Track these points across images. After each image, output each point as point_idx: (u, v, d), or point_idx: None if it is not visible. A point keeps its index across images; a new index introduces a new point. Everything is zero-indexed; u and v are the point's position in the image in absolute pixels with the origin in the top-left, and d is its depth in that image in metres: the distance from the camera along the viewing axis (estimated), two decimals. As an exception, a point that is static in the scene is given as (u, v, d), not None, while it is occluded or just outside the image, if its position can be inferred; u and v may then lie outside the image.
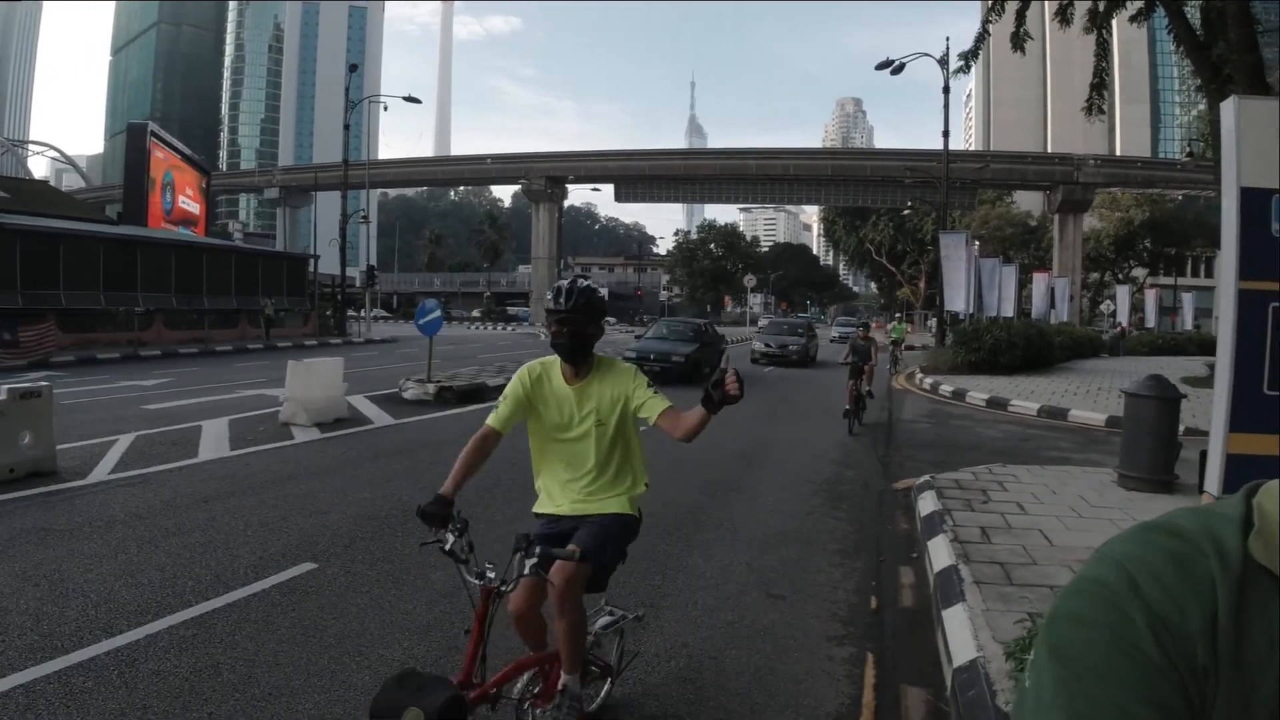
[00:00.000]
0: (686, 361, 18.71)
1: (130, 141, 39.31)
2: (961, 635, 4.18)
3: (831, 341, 41.34)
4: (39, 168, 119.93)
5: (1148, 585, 0.64)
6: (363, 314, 45.09)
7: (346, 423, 11.87)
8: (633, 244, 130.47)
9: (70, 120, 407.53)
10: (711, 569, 5.82)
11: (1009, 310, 28.25)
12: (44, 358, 20.87)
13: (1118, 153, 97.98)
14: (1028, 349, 21.35)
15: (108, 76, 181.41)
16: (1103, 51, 13.12)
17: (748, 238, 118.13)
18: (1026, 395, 16.54)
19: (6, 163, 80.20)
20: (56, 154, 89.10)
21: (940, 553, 5.72)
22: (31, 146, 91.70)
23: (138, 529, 6.34)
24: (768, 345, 26.13)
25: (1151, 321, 47.02)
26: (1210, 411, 4.17)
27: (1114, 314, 50.84)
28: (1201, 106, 27.88)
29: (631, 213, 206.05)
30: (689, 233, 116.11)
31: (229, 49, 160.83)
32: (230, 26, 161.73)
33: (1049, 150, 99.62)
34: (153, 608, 4.72)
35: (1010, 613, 4.40)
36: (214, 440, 10.17)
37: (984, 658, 3.83)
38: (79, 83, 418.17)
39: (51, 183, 66.30)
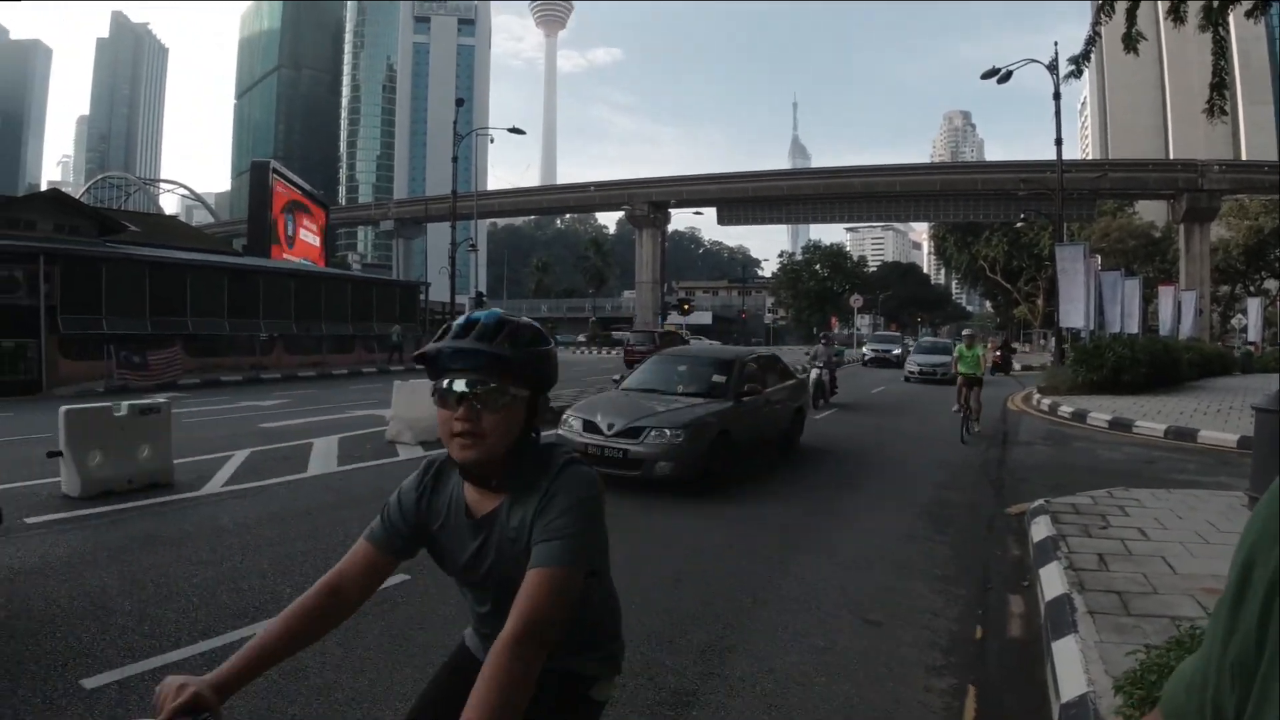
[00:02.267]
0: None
1: (253, 179, 41.79)
2: (1071, 669, 3.87)
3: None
4: (170, 204, 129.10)
5: None
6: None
7: (448, 442, 12.09)
8: (737, 267, 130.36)
9: (200, 160, 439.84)
10: (803, 591, 5.61)
11: (1133, 326, 26.86)
12: (171, 380, 22.20)
13: (1243, 157, 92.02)
14: (1153, 367, 20.13)
15: (233, 118, 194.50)
16: (1220, 50, 12.31)
17: (854, 257, 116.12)
18: (1152, 415, 15.56)
19: (139, 200, 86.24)
20: (186, 192, 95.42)
21: (1053, 580, 5.36)
22: (162, 185, 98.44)
23: (243, 537, 6.59)
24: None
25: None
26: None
27: (1245, 329, 47.52)
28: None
29: (735, 235, 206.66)
30: (794, 254, 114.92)
31: (345, 89, 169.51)
32: (346, 68, 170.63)
33: (1170, 157, 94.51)
34: (250, 611, 4.88)
35: (1125, 645, 4.06)
36: (323, 456, 10.54)
37: (1094, 693, 3.53)
38: (208, 125, 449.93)
39: (182, 218, 70.97)
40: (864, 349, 43.67)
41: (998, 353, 24.61)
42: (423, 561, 5.45)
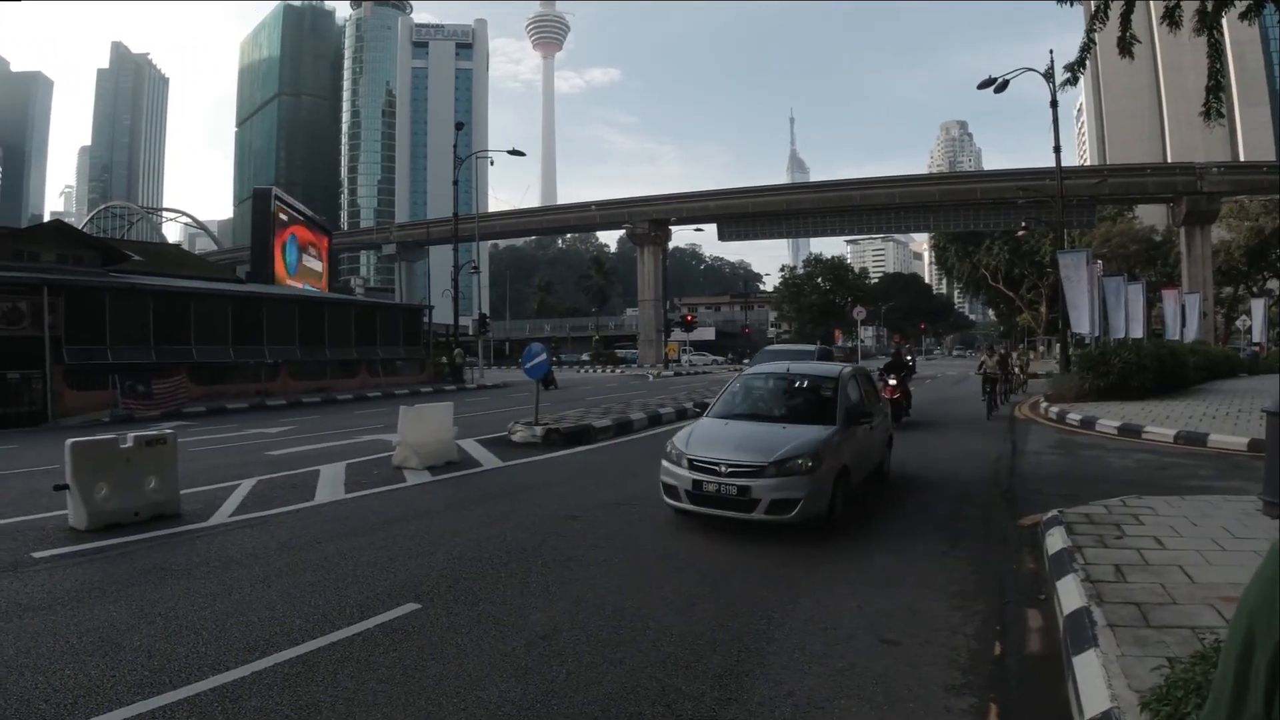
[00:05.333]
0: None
1: (255, 206, 41.94)
2: (1094, 684, 3.81)
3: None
4: (173, 233, 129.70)
5: None
6: (476, 359, 46.79)
7: (456, 465, 12.06)
8: (739, 282, 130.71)
9: (202, 188, 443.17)
10: (819, 611, 5.55)
11: (1138, 331, 26.77)
12: (176, 408, 22.21)
13: (1241, 158, 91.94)
14: (1160, 371, 20.07)
15: (234, 146, 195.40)
16: (1216, 53, 12.31)
17: (856, 270, 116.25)
18: (1161, 420, 15.48)
19: (142, 229, 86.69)
20: (189, 220, 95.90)
21: (1070, 593, 5.30)
22: (165, 213, 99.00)
23: (252, 569, 6.55)
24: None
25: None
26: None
27: (1249, 330, 47.36)
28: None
29: (736, 251, 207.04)
30: (795, 268, 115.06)
31: (345, 115, 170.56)
32: (346, 94, 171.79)
33: (1168, 160, 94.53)
34: (260, 645, 4.83)
35: (1148, 658, 4.00)
36: (330, 484, 10.50)
37: (1118, 709, 3.47)
38: (209, 153, 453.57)
39: (185, 247, 71.31)
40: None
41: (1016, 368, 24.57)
42: (433, 589, 5.43)
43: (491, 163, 68.91)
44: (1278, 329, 47.38)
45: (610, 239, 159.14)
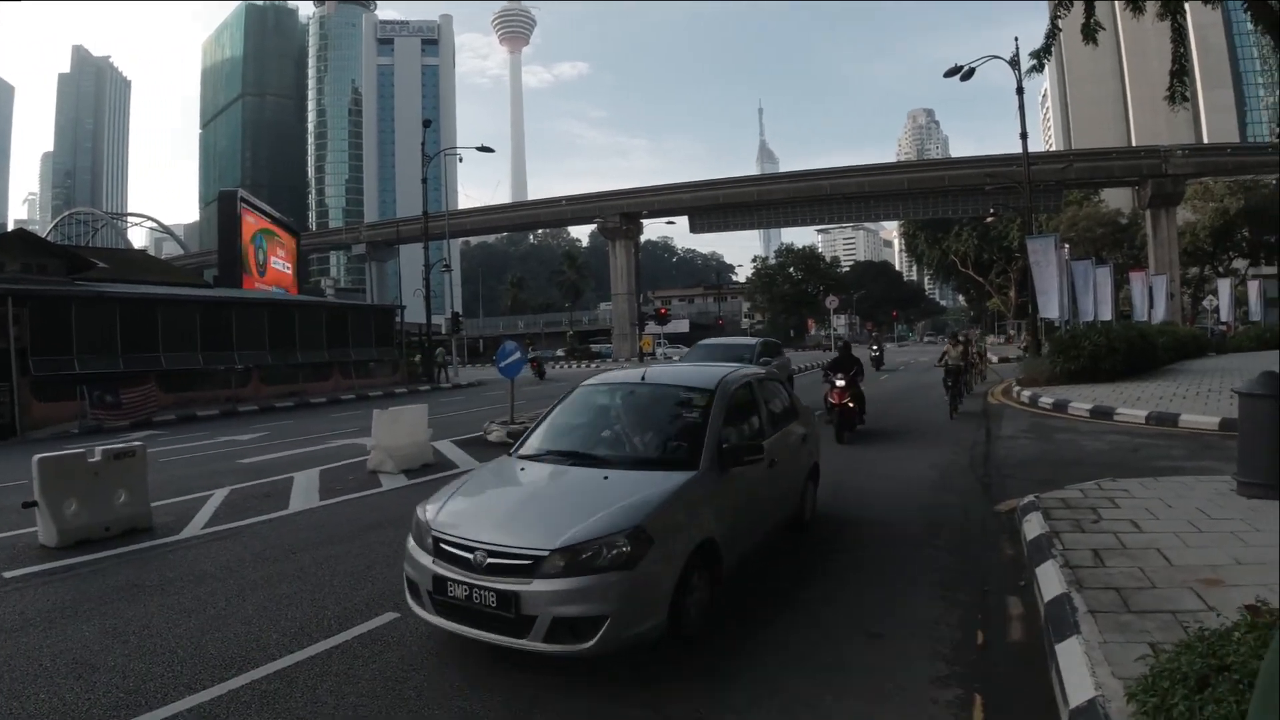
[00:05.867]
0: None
1: (221, 209, 41.40)
2: (1078, 672, 3.83)
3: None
4: (139, 238, 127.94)
5: None
6: (450, 358, 46.50)
7: (432, 468, 11.95)
8: (711, 274, 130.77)
9: (167, 192, 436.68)
10: (803, 607, 5.55)
11: (1106, 313, 27.09)
12: (146, 418, 21.85)
13: (1205, 141, 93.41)
14: (1130, 353, 20.29)
15: (199, 148, 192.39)
16: (1179, 37, 12.42)
17: (827, 259, 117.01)
18: (1132, 402, 15.65)
19: (107, 235, 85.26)
20: (154, 224, 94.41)
21: (1050, 580, 5.33)
22: (130, 219, 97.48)
23: (227, 582, 6.44)
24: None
25: (1256, 314, 44.50)
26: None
27: (1217, 310, 48.16)
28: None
29: (708, 243, 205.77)
30: (767, 259, 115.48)
31: (311, 114, 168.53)
32: (311, 93, 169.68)
33: (1133, 144, 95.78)
34: (237, 662, 4.74)
35: (1131, 644, 4.02)
36: (304, 491, 10.36)
37: (1103, 697, 3.48)
38: (174, 156, 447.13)
39: (151, 252, 70.28)
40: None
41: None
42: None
43: (460, 160, 68.31)
44: (1244, 308, 48.17)
45: (582, 233, 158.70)
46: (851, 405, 13.70)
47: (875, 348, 38.33)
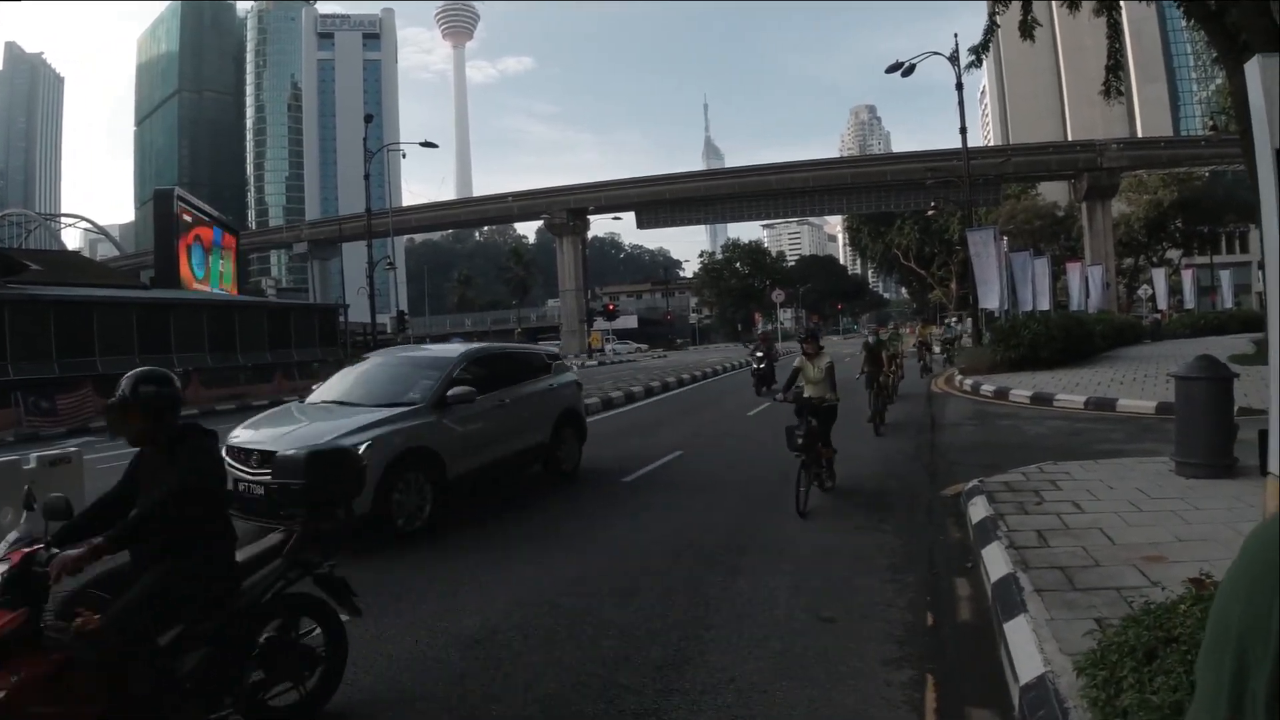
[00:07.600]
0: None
1: (157, 208, 40.24)
2: (1026, 650, 3.89)
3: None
4: (73, 239, 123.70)
5: None
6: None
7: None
8: (659, 269, 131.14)
9: (102, 191, 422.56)
10: (757, 593, 5.57)
11: (1044, 304, 27.77)
12: (83, 424, 21.15)
13: (1139, 135, 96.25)
14: (1068, 341, 20.83)
15: (134, 146, 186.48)
16: (1115, 33, 12.78)
17: (773, 253, 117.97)
18: (1071, 388, 16.07)
19: (40, 237, 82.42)
20: (89, 225, 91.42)
21: (996, 561, 5.42)
22: (64, 219, 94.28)
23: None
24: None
25: (1190, 302, 46.05)
26: (1266, 389, 3.88)
27: (1152, 298, 49.75)
28: (1220, 80, 27.19)
29: (656, 238, 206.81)
30: (714, 253, 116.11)
31: (250, 111, 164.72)
32: (250, 89, 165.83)
33: (1070, 139, 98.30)
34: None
35: (1077, 620, 4.10)
36: (248, 495, 10.08)
37: (1052, 673, 3.55)
38: (109, 154, 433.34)
39: (86, 253, 68.09)
40: None
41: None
42: (360, 593, 5.21)
43: (404, 155, 67.37)
44: (1178, 297, 49.83)
45: (529, 230, 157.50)
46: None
47: (760, 354, 21.28)
